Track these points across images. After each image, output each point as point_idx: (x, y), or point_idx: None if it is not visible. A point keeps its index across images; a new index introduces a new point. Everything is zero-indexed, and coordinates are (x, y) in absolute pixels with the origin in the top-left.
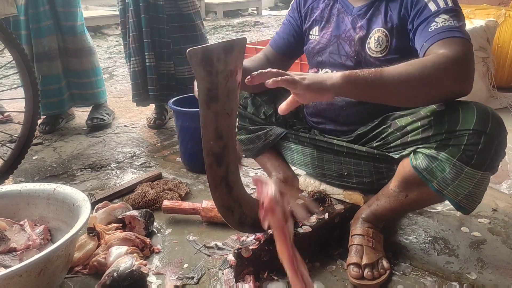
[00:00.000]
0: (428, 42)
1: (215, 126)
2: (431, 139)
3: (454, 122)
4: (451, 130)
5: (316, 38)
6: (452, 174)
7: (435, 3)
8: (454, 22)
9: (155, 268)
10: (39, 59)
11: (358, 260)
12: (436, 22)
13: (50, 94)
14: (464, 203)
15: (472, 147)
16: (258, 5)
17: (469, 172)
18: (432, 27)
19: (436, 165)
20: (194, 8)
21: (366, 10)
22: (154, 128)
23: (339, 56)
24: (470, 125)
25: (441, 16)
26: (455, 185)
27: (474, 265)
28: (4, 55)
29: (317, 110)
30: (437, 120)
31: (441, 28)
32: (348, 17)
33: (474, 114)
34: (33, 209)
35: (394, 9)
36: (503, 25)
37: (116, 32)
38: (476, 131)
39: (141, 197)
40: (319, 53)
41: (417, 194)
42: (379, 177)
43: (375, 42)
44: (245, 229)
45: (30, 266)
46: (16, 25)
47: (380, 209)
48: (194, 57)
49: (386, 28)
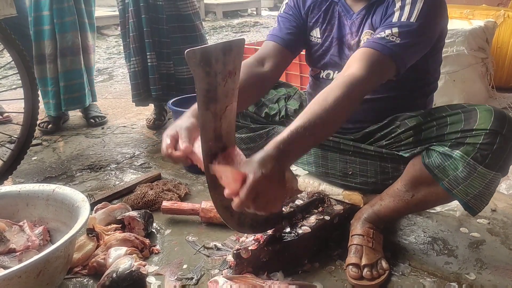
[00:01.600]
0: (362, 46)
1: (214, 127)
2: (445, 137)
3: (471, 121)
4: (468, 129)
5: (318, 40)
6: (464, 172)
7: (400, 14)
8: (397, 39)
9: (155, 269)
10: (63, 54)
11: (357, 261)
12: (383, 33)
13: (73, 89)
14: (472, 203)
15: (487, 146)
16: (258, 5)
17: (482, 172)
18: (377, 35)
19: (449, 163)
20: (194, 9)
21: (363, 14)
22: (154, 129)
23: (339, 58)
24: (487, 125)
25: (393, 29)
26: (466, 184)
27: (473, 265)
28: (3, 55)
29: None
30: (454, 119)
31: (378, 39)
32: (347, 21)
33: (492, 114)
34: (33, 210)
35: (378, 13)
36: (502, 25)
37: (116, 33)
38: (493, 131)
39: (141, 198)
40: (322, 56)
41: (424, 194)
42: (384, 177)
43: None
44: (244, 229)
45: (29, 267)
46: (40, 21)
47: (383, 209)
48: (192, 57)
49: (372, 30)
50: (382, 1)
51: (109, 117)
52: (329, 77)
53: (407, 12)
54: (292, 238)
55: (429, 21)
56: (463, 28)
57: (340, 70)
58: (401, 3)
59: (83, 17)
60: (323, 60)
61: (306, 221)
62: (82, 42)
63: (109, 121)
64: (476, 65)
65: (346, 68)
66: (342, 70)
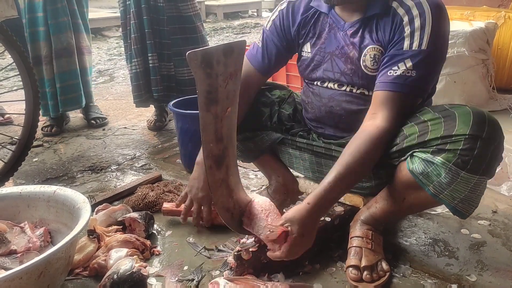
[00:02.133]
0: (379, 86)
1: (214, 128)
2: (427, 144)
3: (450, 127)
4: (447, 135)
5: (308, 55)
6: (447, 178)
7: (410, 40)
8: (412, 72)
9: (155, 270)
10: (59, 55)
11: (357, 262)
12: (397, 68)
13: (69, 90)
14: (460, 207)
15: (468, 152)
16: (258, 6)
17: (465, 177)
18: (392, 71)
19: (432, 169)
20: (194, 10)
21: (358, 26)
22: (154, 130)
23: (333, 73)
24: (466, 130)
25: (406, 62)
26: (451, 189)
27: (474, 267)
28: (4, 57)
29: (316, 117)
30: (434, 125)
31: (396, 78)
32: (340, 33)
33: (470, 118)
34: (34, 211)
35: (386, 28)
36: (503, 27)
37: (117, 34)
38: (472, 136)
39: (141, 199)
40: (313, 70)
41: (414, 198)
42: (378, 182)
43: (371, 60)
44: (245, 231)
45: (31, 268)
46: (34, 22)
47: (378, 211)
48: (193, 59)
49: (380, 46)
50: (383, 15)
51: (110, 118)
52: (324, 85)
53: (417, 40)
54: None
55: (440, 43)
56: (464, 29)
57: (336, 83)
58: (410, 28)
59: (77, 18)
60: (315, 74)
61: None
62: (77, 43)
63: (110, 122)
64: (476, 67)
65: (372, 113)
66: (369, 114)
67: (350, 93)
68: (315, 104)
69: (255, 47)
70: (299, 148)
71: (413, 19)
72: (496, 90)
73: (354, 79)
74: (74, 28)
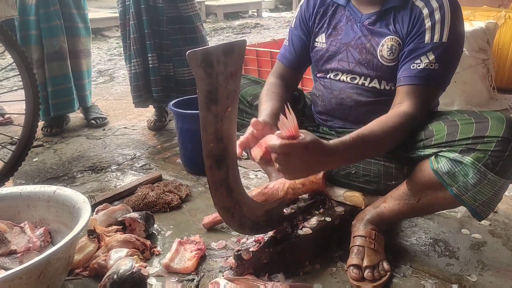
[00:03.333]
0: (404, 80)
1: (215, 128)
2: (456, 143)
3: (482, 128)
4: (479, 136)
5: (323, 45)
6: (475, 179)
7: (431, 33)
8: (435, 65)
9: (156, 270)
10: (51, 59)
11: (359, 262)
12: (420, 62)
13: (61, 94)
14: (480, 210)
15: (499, 153)
16: (258, 7)
17: (492, 179)
18: (415, 65)
19: (459, 169)
20: (194, 10)
21: (375, 18)
22: (154, 130)
23: (347, 63)
24: (499, 132)
25: (428, 55)
26: (475, 190)
27: (475, 267)
28: (4, 57)
29: (326, 110)
30: (465, 126)
31: (420, 71)
32: (357, 24)
33: (504, 122)
34: (34, 211)
35: (404, 20)
36: (503, 26)
37: (117, 34)
38: (505, 138)
39: (141, 199)
40: (328, 61)
41: (430, 199)
42: (387, 178)
43: (388, 50)
44: (246, 231)
45: (31, 268)
46: (26, 25)
47: (387, 211)
48: (194, 59)
49: (398, 37)
50: (401, 8)
51: (110, 118)
52: (337, 78)
53: (438, 32)
54: (293, 240)
55: (458, 35)
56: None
57: (347, 74)
58: (430, 22)
59: (75, 22)
60: (330, 65)
61: (307, 222)
62: (71, 46)
63: (110, 122)
64: (477, 66)
65: (397, 104)
66: (394, 105)
67: (361, 87)
68: (326, 96)
69: (284, 47)
70: None
71: (433, 12)
72: (497, 90)
73: (368, 70)
74: (70, 31)
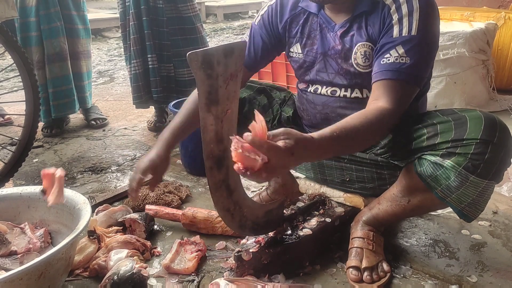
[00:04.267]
0: (376, 76)
1: (215, 129)
2: (437, 147)
3: (461, 130)
4: (458, 138)
5: (299, 56)
6: (457, 182)
7: (399, 27)
8: (406, 59)
9: (156, 271)
10: (51, 60)
11: (357, 263)
12: (390, 56)
13: (62, 95)
14: (467, 211)
15: (478, 156)
16: (258, 7)
17: (474, 181)
18: (385, 59)
19: (441, 172)
20: (194, 11)
21: (348, 26)
22: (155, 131)
23: (327, 74)
24: (477, 134)
25: (397, 48)
26: (459, 193)
27: (475, 268)
28: (4, 58)
29: (313, 124)
30: (444, 129)
31: (390, 65)
32: (330, 34)
33: (482, 123)
34: (34, 212)
35: (375, 22)
36: (503, 27)
37: (117, 35)
38: (483, 140)
39: (141, 200)
40: (307, 71)
41: (420, 200)
42: (382, 183)
43: (362, 57)
44: (246, 232)
45: (31, 269)
46: (26, 27)
47: (381, 213)
48: (194, 60)
49: (371, 41)
50: (372, 11)
51: (110, 119)
52: (317, 92)
53: (406, 26)
54: (293, 241)
55: (429, 28)
56: (464, 30)
57: (328, 86)
58: (398, 15)
59: (74, 23)
60: (309, 76)
61: (307, 223)
62: (71, 48)
63: (110, 123)
64: (477, 67)
65: (374, 101)
66: (370, 101)
67: (344, 99)
68: (310, 111)
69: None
70: None
71: (400, 6)
72: (496, 91)
73: (347, 79)
74: (69, 33)
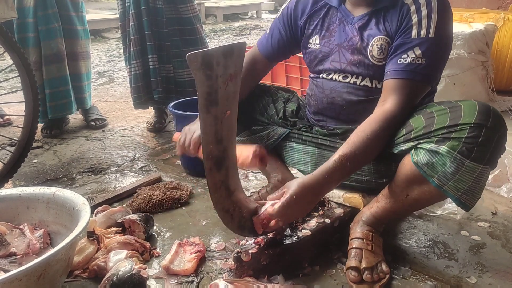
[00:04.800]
0: (390, 75)
1: (214, 130)
2: (432, 134)
3: (455, 116)
4: (453, 124)
5: (316, 47)
6: (452, 167)
7: (417, 29)
8: (422, 60)
9: (155, 272)
10: (48, 62)
11: (357, 264)
12: (407, 56)
13: (59, 96)
14: (464, 199)
15: (472, 139)
16: (258, 8)
17: (470, 166)
18: (402, 59)
19: (437, 159)
20: (194, 12)
21: (367, 19)
22: (154, 132)
23: (339, 63)
24: (471, 118)
25: (415, 49)
26: (455, 179)
27: (474, 269)
28: (4, 58)
29: (319, 109)
30: (440, 116)
31: (406, 66)
32: (349, 26)
33: (476, 108)
34: (33, 212)
35: (393, 18)
36: (502, 28)
37: (116, 36)
38: (477, 124)
39: (147, 201)
40: (321, 61)
41: (418, 193)
42: (378, 176)
43: (377, 50)
44: (245, 232)
45: (30, 270)
46: (24, 28)
47: (380, 210)
48: (194, 61)
49: (388, 36)
50: (391, 7)
51: (110, 120)
52: (329, 77)
53: (425, 28)
54: (292, 241)
55: (446, 31)
56: (463, 31)
57: (339, 74)
58: (417, 17)
59: (73, 24)
60: (323, 66)
61: (306, 224)
62: (69, 49)
63: (109, 123)
64: (476, 68)
65: (382, 101)
66: (379, 103)
67: (353, 85)
68: (318, 96)
69: (264, 35)
70: (304, 142)
71: (420, 8)
72: (496, 92)
73: (360, 69)
74: (68, 34)
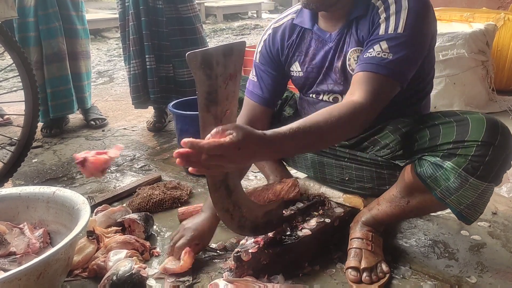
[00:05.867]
0: (356, 69)
1: None
2: (438, 148)
3: (462, 132)
4: (459, 140)
5: (299, 74)
6: (456, 183)
7: (385, 25)
8: (389, 55)
9: (155, 271)
10: (49, 61)
11: (356, 264)
12: (373, 50)
13: (60, 95)
14: (466, 213)
15: (479, 158)
16: (258, 8)
17: (474, 183)
18: (368, 54)
19: (440, 173)
20: (194, 11)
21: (342, 34)
22: (154, 131)
23: (326, 85)
24: (479, 136)
25: (381, 44)
26: (458, 194)
27: (474, 268)
28: (4, 58)
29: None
30: (446, 130)
31: (372, 59)
32: (327, 46)
33: (484, 125)
34: (33, 212)
35: (365, 26)
36: (502, 28)
37: (116, 35)
38: (485, 142)
39: (147, 201)
40: (309, 86)
41: (419, 201)
42: (381, 182)
43: (355, 62)
44: (245, 232)
45: (30, 269)
46: (25, 27)
47: (380, 213)
48: (193, 60)
49: (361, 46)
50: (363, 16)
51: (110, 119)
52: (319, 98)
53: (393, 24)
54: (292, 241)
55: (417, 29)
56: (464, 31)
57: (331, 95)
58: (385, 14)
59: (73, 24)
60: (310, 90)
61: (306, 223)
62: (69, 48)
63: (109, 123)
64: (476, 68)
65: (349, 95)
66: (347, 95)
67: None
68: (310, 113)
69: (251, 83)
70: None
71: (389, 6)
72: (496, 92)
73: (346, 86)
74: (68, 33)
